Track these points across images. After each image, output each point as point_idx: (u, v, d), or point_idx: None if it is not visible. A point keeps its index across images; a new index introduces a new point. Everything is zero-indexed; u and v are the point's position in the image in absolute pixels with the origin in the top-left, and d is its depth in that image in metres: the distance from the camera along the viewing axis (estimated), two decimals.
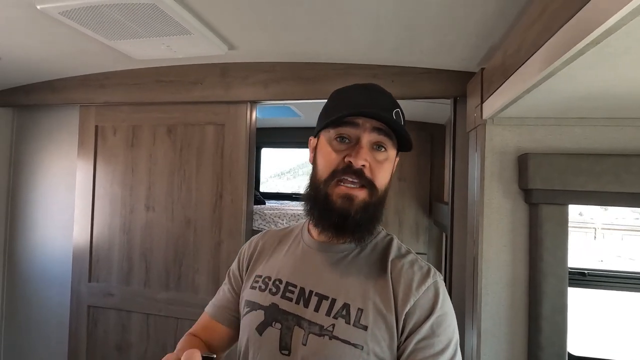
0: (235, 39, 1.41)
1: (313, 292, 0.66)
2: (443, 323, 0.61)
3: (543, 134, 1.19)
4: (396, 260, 0.67)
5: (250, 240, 0.83)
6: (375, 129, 0.64)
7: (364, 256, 0.69)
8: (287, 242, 0.78)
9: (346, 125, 0.65)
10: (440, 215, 2.21)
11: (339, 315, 0.62)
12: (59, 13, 1.16)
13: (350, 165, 0.63)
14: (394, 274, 0.65)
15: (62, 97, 1.90)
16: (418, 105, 2.20)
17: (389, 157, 0.67)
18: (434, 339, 0.59)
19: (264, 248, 0.79)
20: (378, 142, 0.65)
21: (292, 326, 0.64)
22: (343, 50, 1.45)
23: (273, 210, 2.29)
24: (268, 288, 0.70)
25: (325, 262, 0.69)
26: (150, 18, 1.19)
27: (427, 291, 0.63)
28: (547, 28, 0.71)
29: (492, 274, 1.21)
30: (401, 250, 0.70)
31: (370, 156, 0.64)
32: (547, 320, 1.11)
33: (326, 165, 0.65)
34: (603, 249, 9.38)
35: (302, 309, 0.65)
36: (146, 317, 1.80)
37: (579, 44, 0.62)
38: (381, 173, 0.65)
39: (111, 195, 1.87)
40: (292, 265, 0.71)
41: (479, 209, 1.25)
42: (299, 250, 0.73)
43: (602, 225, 11.35)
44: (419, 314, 0.61)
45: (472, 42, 1.21)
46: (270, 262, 0.75)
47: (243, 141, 1.71)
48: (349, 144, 0.65)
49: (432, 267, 0.67)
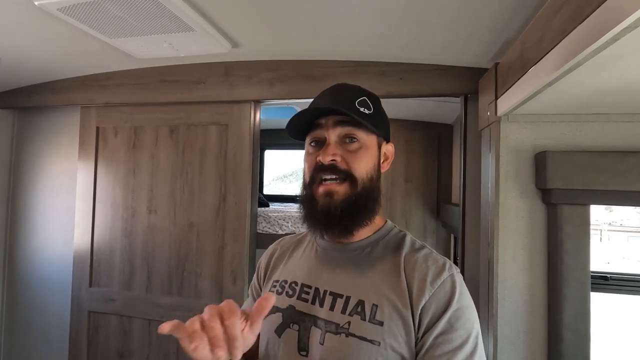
0: (239, 36, 1.37)
1: (327, 292, 0.66)
2: (461, 317, 0.59)
3: (561, 130, 1.14)
4: (410, 255, 0.67)
5: (266, 252, 0.84)
6: (338, 123, 0.66)
7: (376, 253, 0.69)
8: (302, 246, 0.79)
9: (315, 129, 0.68)
10: (449, 217, 2.16)
11: (354, 312, 0.62)
12: (57, 9, 1.12)
13: (322, 163, 0.65)
14: (408, 269, 0.64)
15: (63, 98, 1.86)
16: (425, 104, 2.16)
17: (364, 145, 0.67)
18: (452, 334, 0.58)
19: (280, 255, 0.80)
20: (346, 134, 0.66)
21: (309, 327, 0.64)
22: (351, 47, 1.41)
23: (278, 212, 2.24)
24: (285, 291, 0.71)
25: (338, 261, 0.69)
26: (151, 14, 1.15)
27: (443, 285, 0.61)
28: (575, 14, 0.66)
29: (509, 278, 1.16)
30: (415, 245, 0.70)
31: (342, 149, 0.66)
32: (569, 327, 1.05)
33: (307, 169, 0.69)
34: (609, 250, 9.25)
35: (318, 308, 0.65)
36: (148, 323, 1.75)
37: (613, 30, 0.57)
38: (357, 162, 0.66)
39: (112, 198, 1.83)
40: (307, 268, 0.72)
41: (493, 210, 1.19)
42: (313, 252, 0.74)
43: (608, 227, 11.22)
44: (435, 309, 0.60)
45: (486, 36, 1.16)
46: (286, 267, 0.76)
47: (247, 142, 1.66)
48: (321, 145, 0.67)
49: (448, 261, 0.66)
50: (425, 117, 2.50)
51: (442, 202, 2.53)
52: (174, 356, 1.71)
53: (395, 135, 2.83)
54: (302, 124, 0.69)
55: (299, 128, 0.69)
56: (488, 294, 1.22)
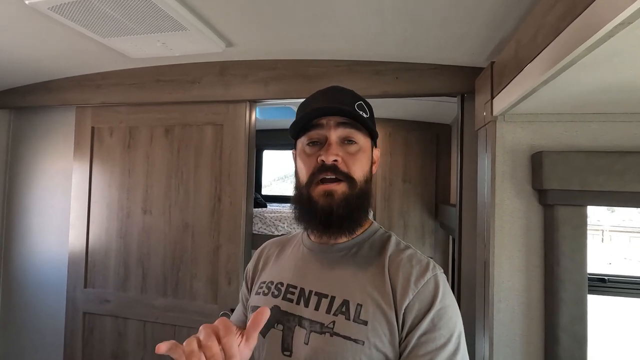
0: (233, 36, 1.35)
1: (312, 292, 0.67)
2: (444, 316, 0.60)
3: (558, 130, 1.12)
4: (394, 256, 0.67)
5: (254, 256, 0.85)
6: (340, 124, 0.66)
7: (362, 254, 0.69)
8: (289, 247, 0.79)
9: (313, 129, 0.67)
10: (447, 218, 2.14)
11: (339, 312, 0.63)
12: (48, 8, 1.11)
13: (324, 163, 0.65)
14: (392, 269, 0.65)
15: (58, 98, 1.85)
16: (423, 104, 2.14)
17: (362, 148, 0.68)
18: (435, 333, 0.59)
19: (268, 257, 0.80)
20: (346, 136, 0.67)
21: (294, 327, 0.65)
22: (346, 46, 1.39)
23: (274, 213, 2.22)
24: (271, 292, 0.71)
25: (324, 262, 0.70)
26: (143, 13, 1.13)
27: (427, 285, 0.62)
28: (569, 10, 0.65)
29: (505, 280, 1.14)
30: (400, 246, 0.70)
31: (342, 150, 0.66)
32: (566, 330, 1.03)
33: (304, 170, 0.68)
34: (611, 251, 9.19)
35: (303, 308, 0.66)
36: (143, 325, 1.74)
37: (607, 25, 0.56)
38: (356, 164, 0.67)
39: (108, 199, 1.82)
40: (293, 268, 0.73)
41: (489, 210, 1.18)
42: (300, 253, 0.75)
43: (610, 228, 11.16)
44: (418, 308, 0.60)
45: (482, 34, 1.14)
46: (273, 268, 0.77)
47: (242, 142, 1.65)
48: (320, 145, 0.68)
49: (432, 261, 0.67)
50: (423, 117, 2.49)
51: (440, 202, 2.51)
52: (169, 358, 1.69)
53: (393, 135, 2.82)
54: (304, 124, 0.68)
55: (300, 127, 0.69)
56: (484, 295, 1.20)
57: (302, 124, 0.68)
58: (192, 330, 1.64)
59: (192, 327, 1.65)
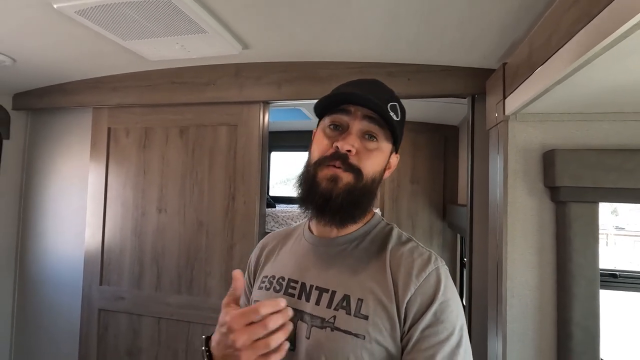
0: (249, 38, 1.39)
1: (313, 286, 0.67)
2: (447, 309, 0.60)
3: (569, 129, 1.15)
4: (395, 249, 0.66)
5: (256, 247, 0.85)
6: (366, 117, 0.65)
7: (363, 247, 0.68)
8: (290, 241, 0.79)
9: (339, 113, 0.66)
10: (456, 218, 2.16)
11: (340, 306, 0.63)
12: (75, 12, 1.15)
13: (337, 150, 0.64)
14: (393, 263, 0.64)
15: (75, 100, 1.90)
16: (431, 106, 2.17)
17: (380, 147, 0.67)
18: (438, 327, 0.58)
19: (271, 250, 0.81)
20: (369, 130, 0.65)
21: (296, 321, 0.65)
22: (358, 48, 1.43)
23: (285, 212, 2.25)
24: (272, 286, 0.72)
25: (325, 256, 0.70)
26: (166, 16, 1.17)
27: (428, 278, 0.61)
28: (584, 13, 0.68)
29: (518, 276, 1.16)
30: (401, 239, 0.69)
31: (360, 143, 0.65)
32: (578, 325, 1.05)
33: (317, 150, 0.67)
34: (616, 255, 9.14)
35: (304, 303, 0.66)
36: (157, 321, 1.77)
37: (621, 27, 0.59)
38: (369, 161, 0.65)
39: (123, 198, 1.86)
40: (294, 263, 0.73)
41: (502, 209, 1.20)
42: (301, 247, 0.75)
43: (614, 232, 11.10)
44: (420, 302, 0.60)
45: (495, 37, 1.18)
46: (275, 262, 0.77)
47: (256, 142, 1.68)
48: (340, 131, 0.66)
49: (434, 253, 0.66)
50: (431, 119, 2.52)
51: (448, 203, 2.53)
52: (183, 354, 1.73)
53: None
54: (331, 104, 0.67)
55: (325, 105, 0.67)
56: (497, 292, 1.22)
57: (328, 103, 0.66)
58: (205, 327, 1.67)
59: (206, 323, 1.68)
